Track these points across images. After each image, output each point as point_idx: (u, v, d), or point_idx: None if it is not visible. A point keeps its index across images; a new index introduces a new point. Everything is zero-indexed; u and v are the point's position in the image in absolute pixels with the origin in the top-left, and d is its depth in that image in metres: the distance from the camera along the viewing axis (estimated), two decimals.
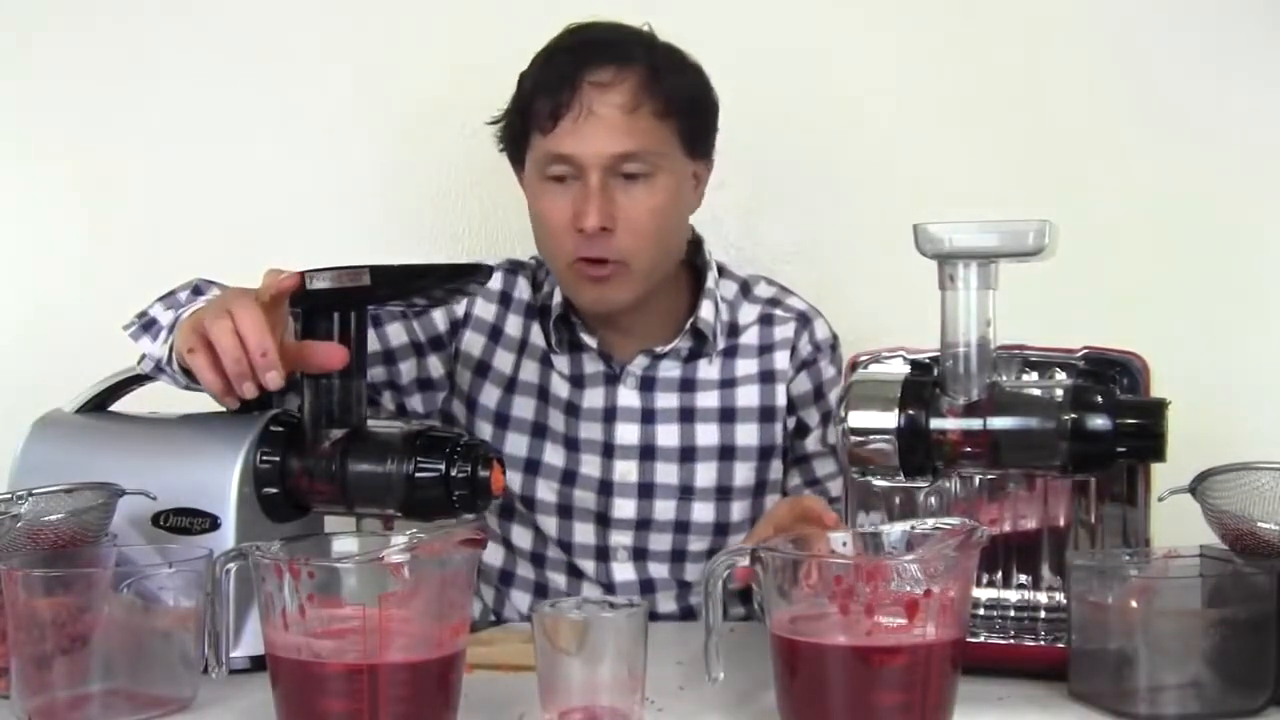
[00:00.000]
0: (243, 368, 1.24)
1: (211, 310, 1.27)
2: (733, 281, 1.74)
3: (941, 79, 2.07)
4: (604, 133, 1.56)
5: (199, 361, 1.26)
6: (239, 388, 1.26)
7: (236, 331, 1.24)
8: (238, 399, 1.28)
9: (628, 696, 1.12)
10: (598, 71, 1.57)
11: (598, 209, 1.56)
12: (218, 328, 1.24)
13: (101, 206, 2.11)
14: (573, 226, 1.58)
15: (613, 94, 1.57)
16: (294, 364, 1.28)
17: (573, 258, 1.59)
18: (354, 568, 1.10)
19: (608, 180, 1.57)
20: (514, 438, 1.69)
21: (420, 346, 1.69)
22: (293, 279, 1.26)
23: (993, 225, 1.24)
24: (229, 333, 1.24)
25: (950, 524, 1.14)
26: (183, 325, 1.31)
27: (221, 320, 1.24)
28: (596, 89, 1.57)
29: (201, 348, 1.26)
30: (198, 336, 1.26)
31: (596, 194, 1.56)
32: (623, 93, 1.57)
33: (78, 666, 1.16)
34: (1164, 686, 1.15)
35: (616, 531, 1.68)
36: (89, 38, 2.10)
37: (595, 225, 1.56)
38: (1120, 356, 1.32)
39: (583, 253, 1.58)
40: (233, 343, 1.24)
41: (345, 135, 2.10)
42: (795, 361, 1.70)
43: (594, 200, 1.56)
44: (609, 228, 1.57)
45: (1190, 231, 2.03)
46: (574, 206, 1.57)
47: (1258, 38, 2.04)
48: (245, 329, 1.23)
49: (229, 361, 1.24)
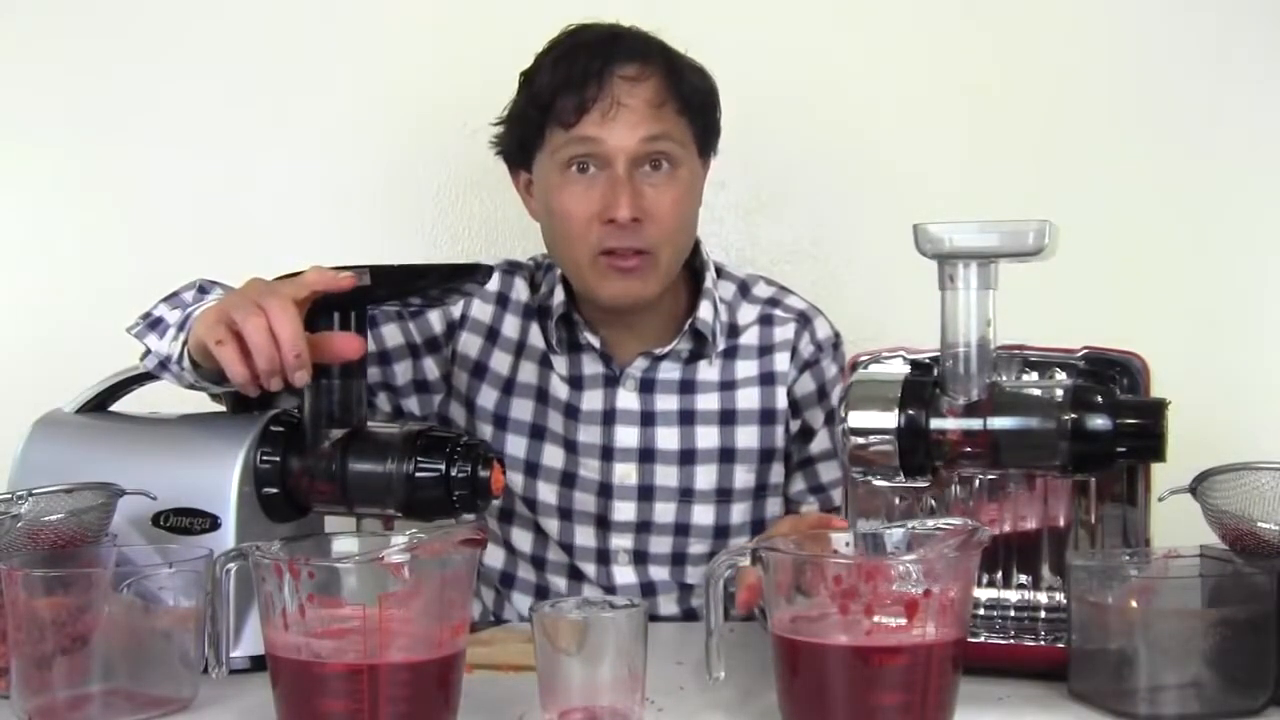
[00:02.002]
0: (274, 366, 1.22)
1: (242, 304, 1.24)
2: (731, 282, 1.74)
3: (942, 79, 2.07)
4: (634, 124, 1.57)
5: (228, 354, 1.23)
6: (266, 382, 1.24)
7: (270, 329, 1.22)
8: (258, 389, 1.26)
9: (628, 696, 1.12)
10: (626, 66, 1.58)
11: (629, 200, 1.56)
12: (251, 324, 1.22)
13: (102, 207, 2.11)
14: (600, 219, 1.57)
15: (641, 88, 1.58)
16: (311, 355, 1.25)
17: (598, 250, 1.58)
18: (354, 568, 1.10)
19: (634, 171, 1.57)
20: (514, 439, 1.69)
21: (416, 348, 1.69)
22: (350, 279, 1.25)
23: (993, 225, 1.24)
24: (263, 330, 1.21)
25: (951, 524, 1.14)
26: (204, 316, 1.28)
27: (255, 317, 1.22)
28: (626, 82, 1.57)
29: (231, 340, 1.23)
30: (226, 328, 1.23)
31: (626, 185, 1.56)
32: (649, 88, 1.58)
33: (78, 666, 1.16)
34: (1164, 686, 1.15)
35: (617, 535, 1.68)
36: (89, 38, 2.10)
37: (628, 216, 1.56)
38: (1120, 356, 1.32)
39: (611, 244, 1.58)
40: (266, 340, 1.21)
41: (345, 135, 2.10)
42: (797, 363, 1.70)
43: (624, 191, 1.56)
44: (639, 218, 1.57)
45: (1190, 231, 2.04)
46: (603, 199, 1.57)
47: (1258, 38, 2.04)
48: (280, 328, 1.21)
49: (261, 360, 1.22)
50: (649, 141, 1.57)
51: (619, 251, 1.58)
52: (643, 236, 1.58)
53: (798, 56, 2.06)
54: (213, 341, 1.24)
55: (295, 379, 1.23)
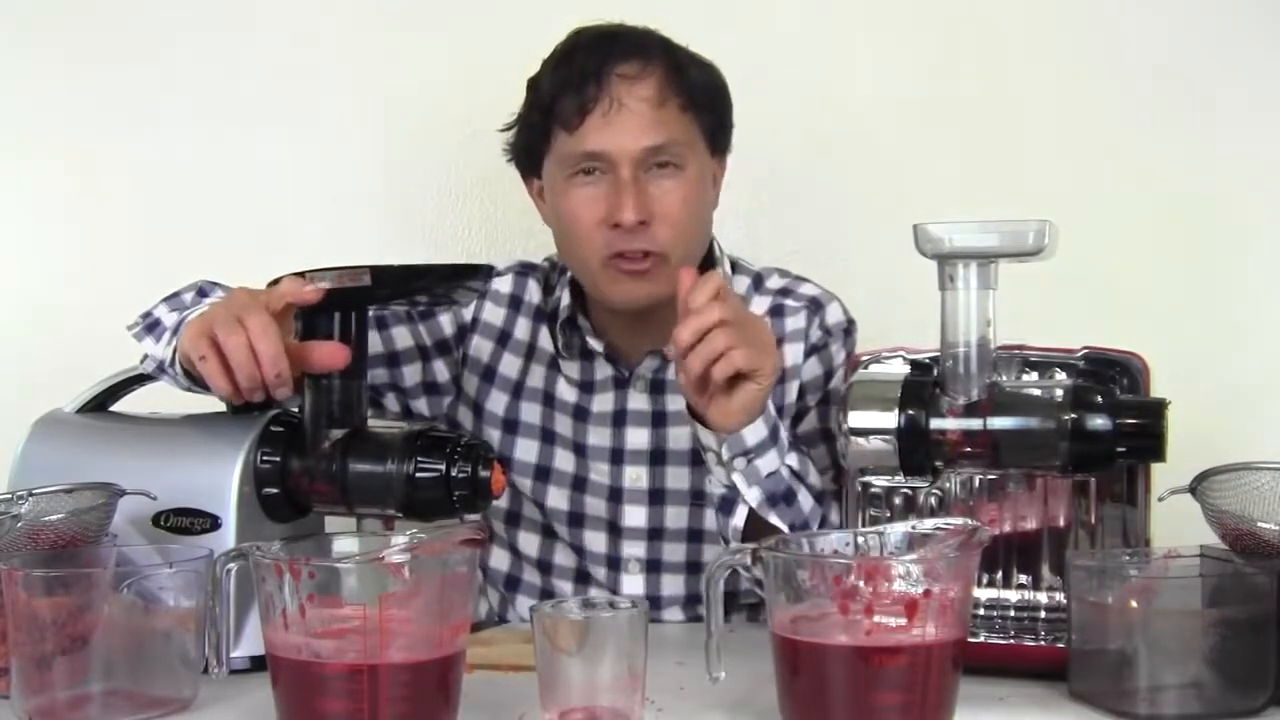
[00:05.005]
0: (255, 383, 1.25)
1: (222, 318, 1.26)
2: (745, 275, 1.72)
3: (942, 79, 2.07)
4: (635, 125, 1.55)
5: (210, 369, 1.26)
6: (249, 396, 1.27)
7: (250, 345, 1.24)
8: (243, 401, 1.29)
9: (628, 696, 1.12)
10: (624, 65, 1.56)
11: (634, 202, 1.54)
12: (232, 341, 1.24)
13: (102, 207, 2.11)
14: (606, 222, 1.55)
15: (640, 87, 1.56)
16: (296, 365, 1.27)
17: (606, 254, 1.57)
18: (354, 568, 1.10)
19: (639, 173, 1.56)
20: (523, 443, 1.69)
21: (426, 350, 1.69)
22: (317, 293, 1.26)
23: (993, 225, 1.24)
24: (243, 347, 1.24)
25: (951, 524, 1.14)
26: (189, 328, 1.30)
27: (236, 333, 1.24)
28: (625, 82, 1.55)
29: (213, 355, 1.26)
30: (208, 343, 1.26)
31: (631, 187, 1.54)
32: (650, 86, 1.56)
33: (78, 666, 1.16)
34: (1164, 686, 1.15)
35: (628, 542, 1.66)
36: (88, 37, 2.11)
37: (633, 219, 1.54)
38: (1120, 356, 1.32)
39: (618, 247, 1.56)
40: (246, 357, 1.24)
41: (347, 135, 2.10)
42: (806, 349, 1.67)
43: (629, 194, 1.54)
44: (646, 220, 1.55)
45: (1190, 231, 2.04)
46: (607, 202, 1.55)
47: (1258, 38, 2.04)
48: (260, 345, 1.24)
49: (242, 376, 1.25)
50: (652, 142, 1.56)
51: (628, 254, 1.56)
52: (650, 238, 1.56)
53: (798, 56, 2.06)
54: (196, 357, 1.27)
55: (276, 394, 1.26)
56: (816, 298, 1.70)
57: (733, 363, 1.33)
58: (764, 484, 1.44)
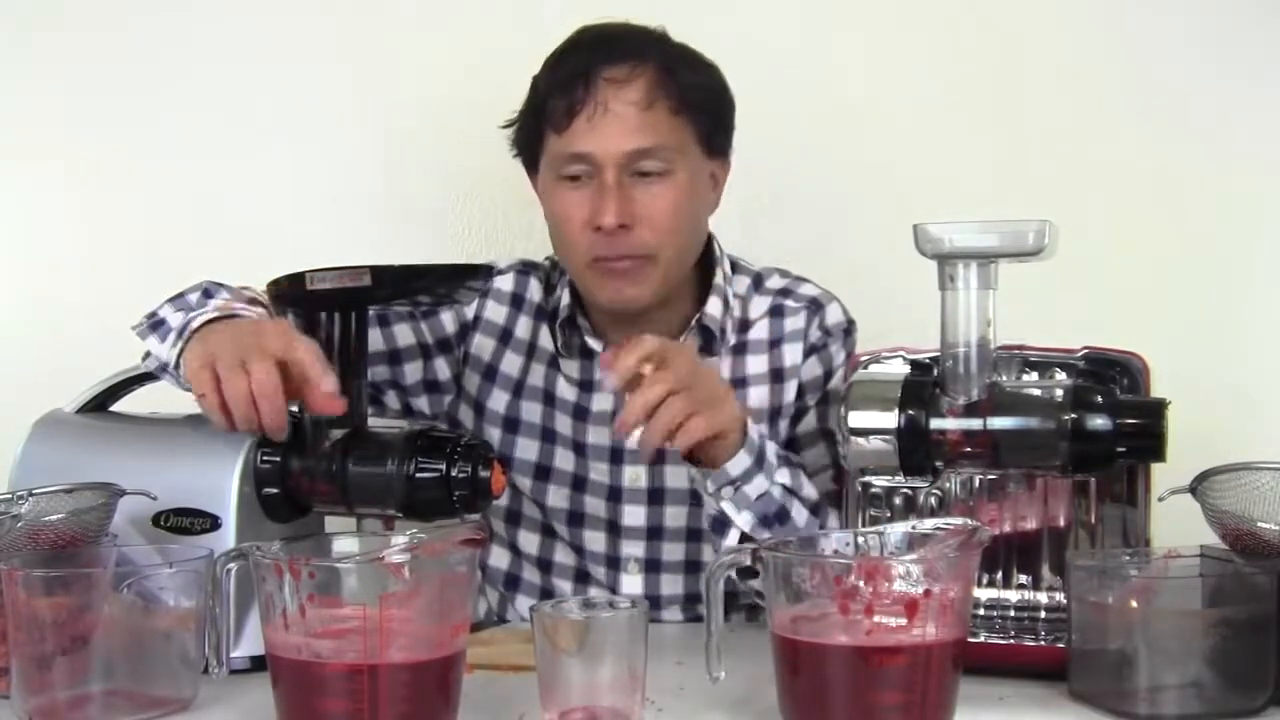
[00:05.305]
0: (252, 426, 1.28)
1: (229, 360, 1.28)
2: (746, 276, 1.72)
3: (942, 79, 2.07)
4: (619, 129, 1.55)
5: (209, 406, 1.29)
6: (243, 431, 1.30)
7: (251, 395, 1.26)
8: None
9: (628, 696, 1.12)
10: (612, 68, 1.56)
11: (615, 207, 1.54)
12: (233, 386, 1.27)
13: (102, 206, 2.11)
14: (589, 225, 1.56)
15: (627, 90, 1.55)
16: (293, 398, 1.29)
17: (590, 257, 1.58)
18: (354, 568, 1.10)
19: (624, 178, 1.55)
20: (524, 442, 1.68)
21: (427, 348, 1.69)
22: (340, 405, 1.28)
23: (993, 225, 1.24)
24: (244, 395, 1.26)
25: (951, 524, 1.14)
26: (194, 354, 1.32)
27: (238, 378, 1.26)
28: (611, 85, 1.55)
29: (213, 395, 1.28)
30: (210, 379, 1.28)
31: (613, 191, 1.54)
32: (637, 89, 1.56)
33: (78, 666, 1.16)
34: (1164, 686, 1.15)
35: (628, 542, 1.66)
36: (88, 37, 2.10)
37: (613, 223, 1.54)
38: (1120, 356, 1.32)
39: (600, 252, 1.56)
40: (247, 405, 1.27)
41: (347, 135, 2.10)
42: (805, 349, 1.67)
43: (611, 198, 1.54)
44: (627, 225, 1.55)
45: (1190, 231, 2.03)
46: (591, 205, 1.56)
47: (1259, 37, 2.04)
48: (260, 398, 1.26)
49: (240, 420, 1.28)
50: (636, 145, 1.55)
51: (610, 256, 1.57)
52: (632, 243, 1.56)
53: (798, 56, 2.06)
54: (197, 393, 1.30)
55: (273, 438, 1.30)
56: (816, 298, 1.70)
57: (692, 435, 1.36)
58: (754, 507, 1.44)
